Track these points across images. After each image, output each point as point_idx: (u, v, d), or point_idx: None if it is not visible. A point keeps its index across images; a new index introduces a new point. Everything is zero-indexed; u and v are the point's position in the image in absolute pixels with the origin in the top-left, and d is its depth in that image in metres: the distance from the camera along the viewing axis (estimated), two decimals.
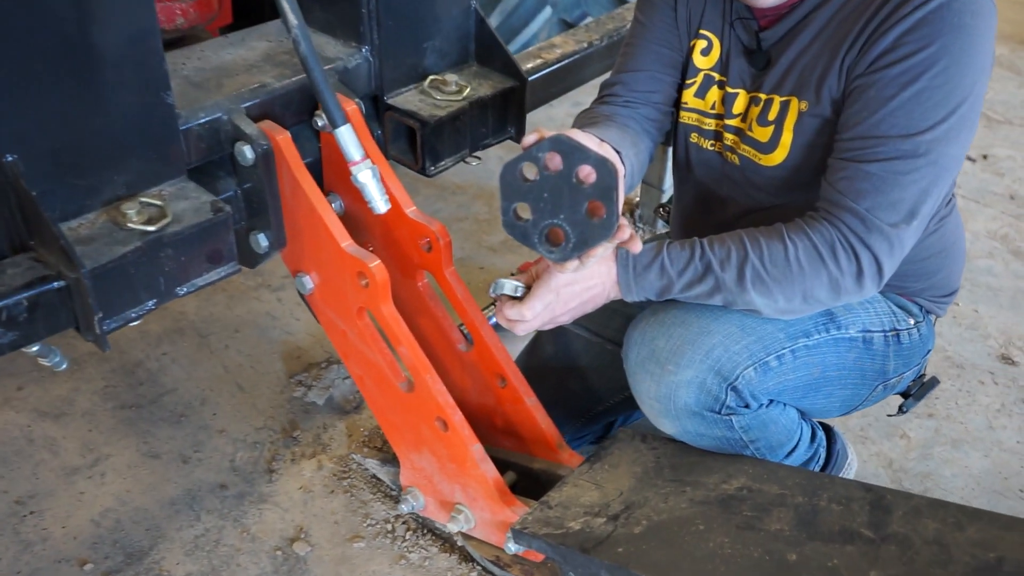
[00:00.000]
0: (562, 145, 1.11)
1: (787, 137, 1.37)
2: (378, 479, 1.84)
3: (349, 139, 1.14)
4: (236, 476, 1.86)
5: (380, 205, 1.18)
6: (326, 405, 2.01)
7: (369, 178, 1.16)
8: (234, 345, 2.20)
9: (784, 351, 1.35)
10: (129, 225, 1.27)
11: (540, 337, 1.83)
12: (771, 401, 1.37)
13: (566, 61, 1.97)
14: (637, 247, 1.26)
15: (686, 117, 1.53)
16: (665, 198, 2.67)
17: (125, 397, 2.04)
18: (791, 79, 1.36)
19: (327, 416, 1.99)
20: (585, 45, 2.00)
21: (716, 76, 1.48)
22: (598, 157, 1.08)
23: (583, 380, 1.75)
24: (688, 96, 1.51)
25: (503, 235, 2.68)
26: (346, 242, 1.41)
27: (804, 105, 1.34)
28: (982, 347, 2.30)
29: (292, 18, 1.08)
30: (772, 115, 1.38)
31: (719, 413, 1.35)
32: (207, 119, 1.40)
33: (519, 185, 1.16)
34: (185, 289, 1.36)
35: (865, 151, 1.24)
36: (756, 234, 1.30)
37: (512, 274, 1.47)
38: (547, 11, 3.07)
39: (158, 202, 1.32)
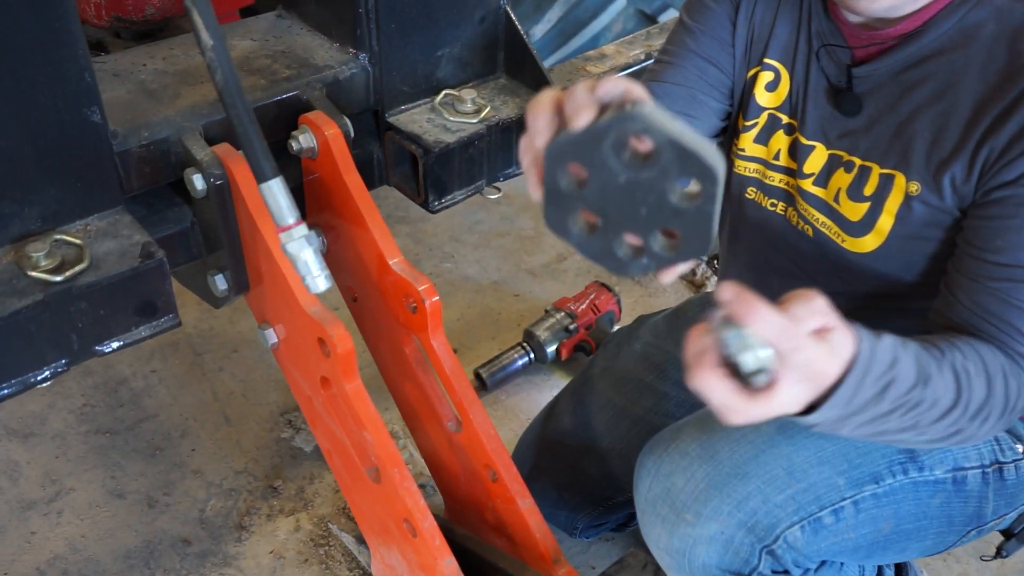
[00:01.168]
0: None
1: (886, 222, 1.05)
2: None
3: (278, 198, 0.88)
4: (203, 530, 1.63)
5: (313, 284, 0.91)
6: (314, 453, 1.77)
7: (299, 250, 0.89)
8: (229, 367, 1.98)
9: (844, 503, 1.03)
10: (32, 272, 1.03)
11: (558, 405, 1.55)
12: (822, 563, 1.06)
13: (618, 75, 1.65)
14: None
15: (743, 167, 1.20)
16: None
17: (102, 420, 1.84)
18: (898, 146, 1.03)
19: (314, 465, 1.75)
20: (642, 57, 1.68)
21: (784, 119, 1.16)
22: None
23: (603, 464, 1.46)
24: (747, 141, 1.19)
25: (547, 257, 2.39)
26: (306, 300, 1.15)
27: (915, 188, 1.02)
28: None
29: (206, 36, 0.82)
30: (869, 189, 1.06)
31: None
32: (151, 140, 1.16)
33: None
34: (109, 347, 1.13)
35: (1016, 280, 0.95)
36: (969, 368, 0.91)
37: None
38: (620, 1, 2.75)
39: (77, 241, 1.08)
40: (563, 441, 1.51)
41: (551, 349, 1.97)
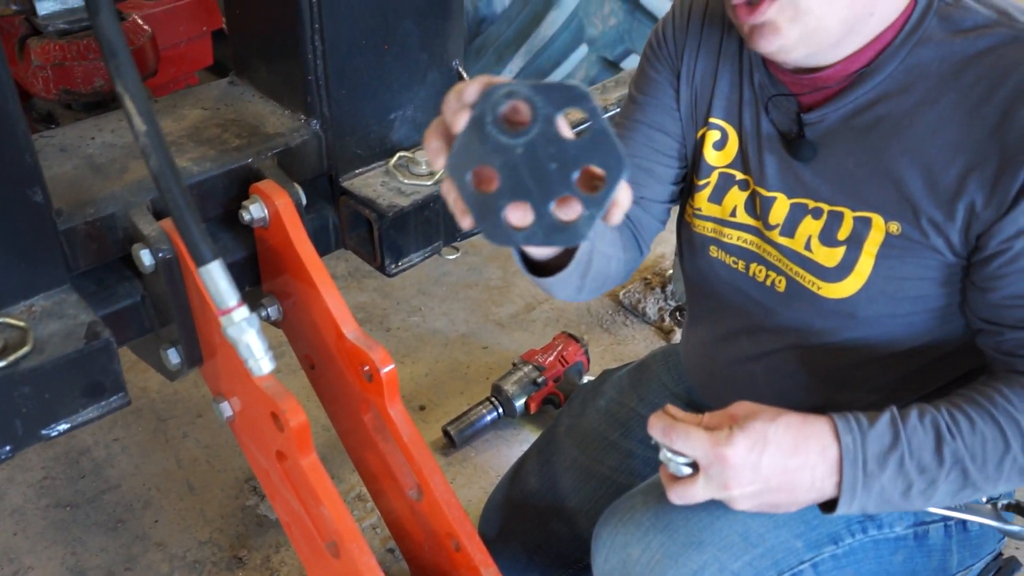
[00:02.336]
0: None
1: (866, 263, 1.04)
2: None
3: (217, 281, 0.86)
4: None
5: (256, 367, 0.89)
6: (279, 521, 1.73)
7: (240, 334, 0.87)
8: (193, 433, 1.94)
9: (803, 566, 1.01)
10: None
11: (524, 465, 1.53)
12: None
13: (575, 130, 1.65)
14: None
15: (701, 227, 1.20)
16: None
17: (62, 493, 1.80)
18: (867, 189, 1.03)
19: (280, 533, 1.72)
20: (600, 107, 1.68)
21: (738, 175, 1.16)
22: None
23: (571, 525, 1.43)
24: (701, 200, 1.19)
25: (515, 308, 2.38)
26: (258, 374, 1.13)
27: (895, 227, 1.02)
28: None
29: (139, 122, 0.80)
30: (843, 234, 1.05)
31: None
32: (97, 216, 1.14)
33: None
34: (55, 430, 1.10)
35: None
36: (1013, 411, 0.94)
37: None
38: (583, 49, 2.77)
39: (21, 323, 1.06)
40: (530, 503, 1.48)
41: (519, 403, 1.95)
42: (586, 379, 2.03)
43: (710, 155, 1.17)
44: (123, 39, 0.80)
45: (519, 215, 0.75)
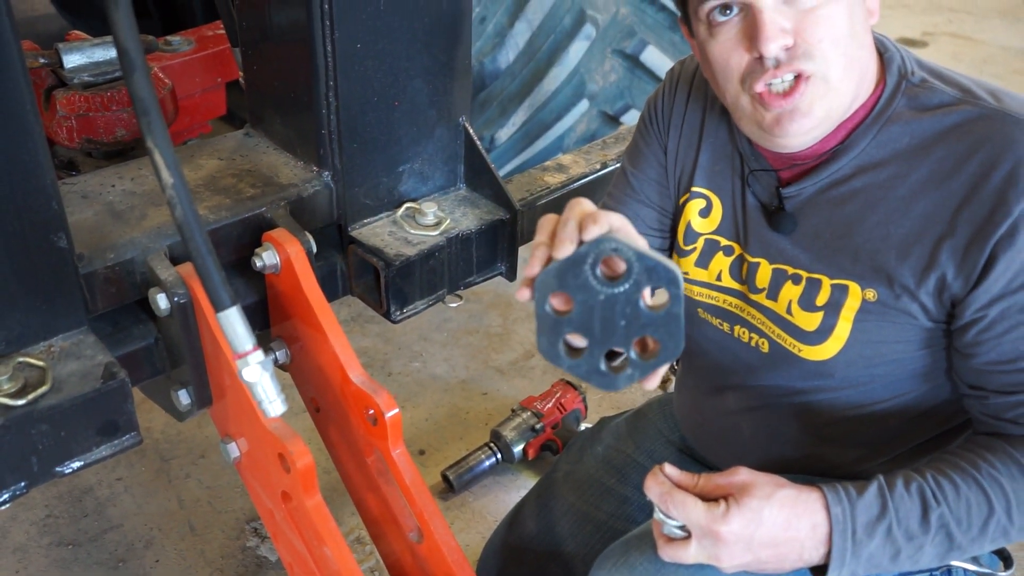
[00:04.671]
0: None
1: (843, 328, 1.09)
2: None
3: (235, 325, 0.90)
4: None
5: (270, 408, 0.94)
6: (279, 562, 1.75)
7: (258, 375, 0.92)
8: (195, 474, 1.97)
9: None
10: None
11: (523, 510, 1.56)
12: None
13: (574, 185, 1.72)
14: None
15: (688, 290, 1.25)
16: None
17: (65, 532, 1.82)
18: (843, 257, 1.09)
19: (281, 574, 1.74)
20: (598, 167, 1.75)
21: (723, 241, 1.21)
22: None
23: (567, 569, 1.46)
24: (688, 265, 1.24)
25: (515, 355, 2.43)
26: (268, 417, 1.17)
27: (872, 295, 1.07)
28: None
29: (166, 175, 0.86)
30: (822, 299, 1.10)
31: None
32: (116, 261, 1.19)
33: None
34: (69, 468, 1.14)
35: None
36: (996, 475, 1.00)
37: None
38: (584, 104, 2.85)
39: (40, 363, 1.10)
40: (528, 547, 1.51)
41: (518, 449, 1.98)
42: (583, 426, 2.06)
43: (696, 222, 1.22)
44: (155, 98, 0.86)
45: (576, 344, 0.86)
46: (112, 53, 1.47)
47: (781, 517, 0.96)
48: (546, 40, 2.59)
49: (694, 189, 1.23)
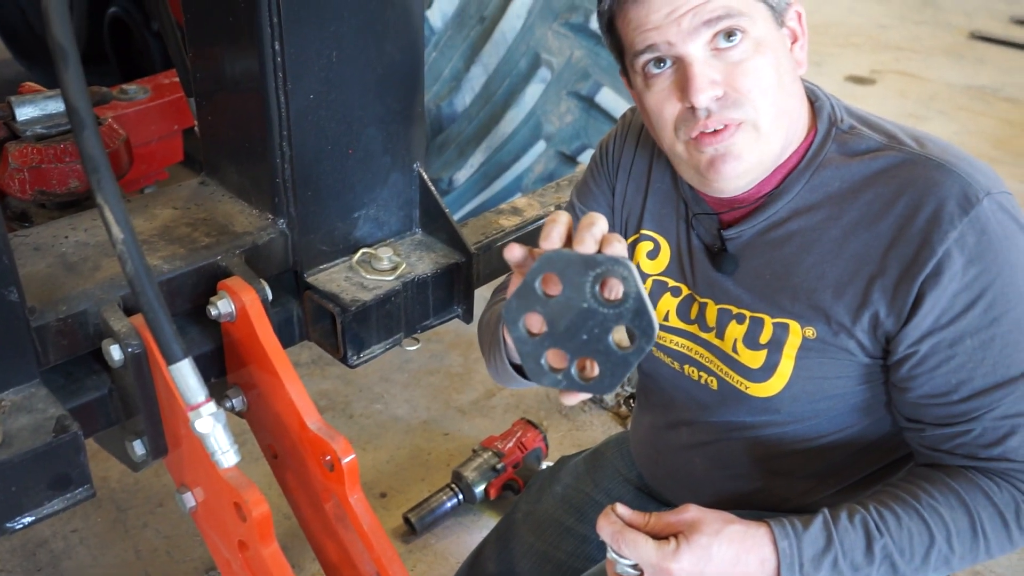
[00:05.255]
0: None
1: (787, 366, 1.13)
2: None
3: (186, 378, 0.91)
4: None
5: (223, 459, 0.94)
6: None
7: (210, 427, 0.92)
8: (153, 523, 1.95)
9: None
10: None
11: (483, 552, 1.56)
12: None
13: (529, 227, 1.74)
14: None
15: None
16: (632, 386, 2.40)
17: None
18: (782, 297, 1.12)
19: None
20: (552, 209, 1.78)
21: (671, 283, 1.25)
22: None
23: None
24: None
25: (475, 394, 2.43)
26: (224, 466, 1.17)
27: (811, 332, 1.10)
28: (1016, 559, 1.98)
29: (116, 231, 0.87)
30: (764, 338, 1.14)
31: None
32: (69, 313, 1.19)
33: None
34: (20, 523, 1.13)
35: (994, 404, 1.03)
36: (936, 505, 1.03)
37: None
38: (540, 145, 2.89)
39: None
40: None
41: (479, 490, 1.99)
42: (545, 464, 2.07)
43: (644, 263, 1.26)
44: (105, 156, 0.87)
45: (557, 360, 0.90)
46: (59, 106, 1.48)
47: (730, 553, 0.98)
48: (502, 83, 2.63)
49: (643, 232, 1.26)
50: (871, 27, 6.09)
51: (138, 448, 1.28)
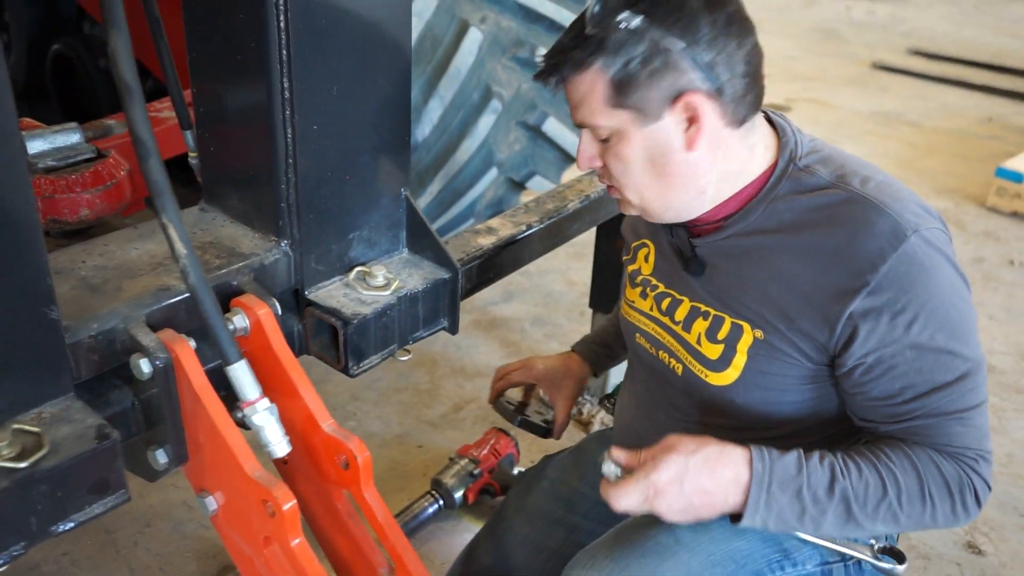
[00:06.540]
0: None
1: (740, 360, 1.30)
2: None
3: (243, 377, 1.02)
4: None
5: (278, 449, 1.05)
6: None
7: (266, 420, 1.03)
8: (143, 542, 2.00)
9: None
10: None
11: (477, 546, 1.68)
12: None
13: (505, 245, 1.89)
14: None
15: (631, 315, 1.47)
16: (612, 376, 2.56)
17: None
18: (738, 302, 1.30)
19: None
20: (524, 228, 1.93)
21: (653, 281, 1.42)
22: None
23: None
24: (635, 295, 1.46)
25: (444, 408, 2.55)
26: (250, 465, 1.26)
27: (760, 335, 1.28)
28: (947, 535, 2.18)
29: (180, 247, 0.98)
30: (722, 334, 1.31)
31: None
32: (100, 330, 1.27)
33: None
34: (63, 527, 1.20)
35: (935, 404, 1.21)
36: (892, 467, 1.20)
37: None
38: (493, 172, 3.04)
39: (35, 428, 1.18)
40: None
41: (458, 495, 2.10)
42: (517, 469, 2.19)
43: (642, 266, 1.43)
44: (167, 181, 0.98)
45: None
46: (72, 139, 1.56)
47: (706, 466, 1.15)
48: (457, 115, 2.78)
49: (643, 240, 1.46)
50: (781, 59, 6.46)
51: (160, 457, 1.36)
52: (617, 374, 2.55)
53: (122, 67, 0.96)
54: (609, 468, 1.23)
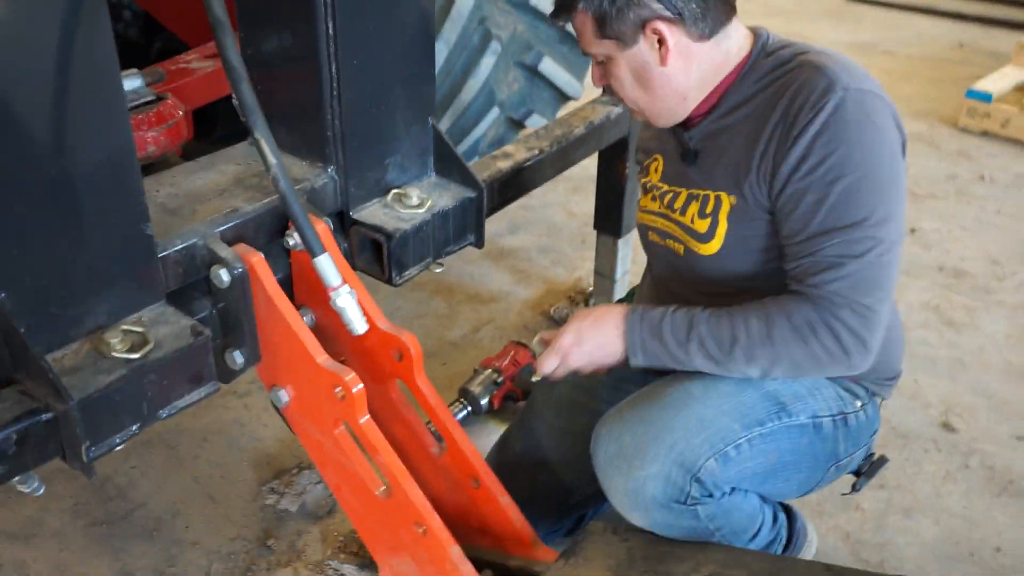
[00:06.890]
0: None
1: (722, 228, 1.52)
2: None
3: (328, 267, 1.21)
4: None
5: (358, 327, 1.25)
6: (299, 511, 2.03)
7: (348, 302, 1.23)
8: (203, 455, 2.21)
9: (741, 440, 1.43)
10: (113, 354, 1.31)
11: (509, 436, 1.89)
12: (733, 489, 1.45)
13: (520, 168, 2.07)
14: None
15: (645, 218, 1.68)
16: (617, 290, 2.77)
17: (96, 514, 2.04)
18: (718, 175, 1.53)
19: (301, 522, 2.01)
20: (536, 152, 2.11)
21: (662, 186, 1.62)
22: None
23: (553, 475, 1.80)
24: (647, 201, 1.67)
25: (464, 329, 2.76)
26: (321, 357, 1.47)
27: (733, 200, 1.50)
28: (923, 416, 2.41)
29: (271, 158, 1.16)
30: (708, 208, 1.53)
31: (685, 504, 1.42)
32: (183, 245, 1.46)
33: None
34: (167, 411, 1.40)
35: (822, 246, 1.40)
36: (747, 313, 1.45)
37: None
38: (495, 111, 3.21)
39: (139, 329, 1.37)
40: (518, 463, 1.85)
41: (484, 401, 2.31)
42: (535, 378, 2.40)
43: (653, 177, 1.65)
44: (257, 103, 1.17)
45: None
46: (135, 84, 1.73)
47: (594, 326, 1.49)
48: (460, 56, 2.93)
49: (653, 156, 1.69)
50: None
51: (237, 357, 1.55)
52: (625, 285, 2.76)
53: (213, 5, 1.13)
54: (537, 346, 1.63)
